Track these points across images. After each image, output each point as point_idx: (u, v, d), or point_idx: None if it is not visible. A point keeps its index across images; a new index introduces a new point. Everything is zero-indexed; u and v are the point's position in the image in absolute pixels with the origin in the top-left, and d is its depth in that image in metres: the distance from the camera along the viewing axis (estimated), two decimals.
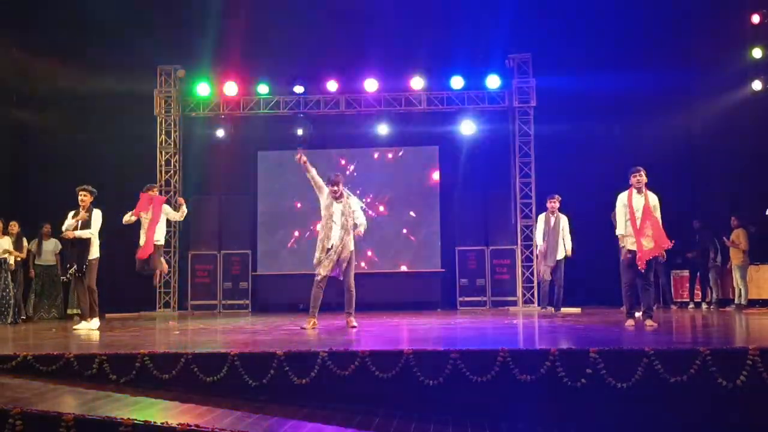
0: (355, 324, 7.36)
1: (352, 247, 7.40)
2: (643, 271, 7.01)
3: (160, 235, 9.00)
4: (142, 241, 8.87)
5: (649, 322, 6.98)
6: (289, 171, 13.39)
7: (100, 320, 7.97)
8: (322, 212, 7.49)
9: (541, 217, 9.78)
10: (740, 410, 4.44)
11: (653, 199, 7.17)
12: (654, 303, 11.70)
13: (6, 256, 9.77)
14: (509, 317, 9.89)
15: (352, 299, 7.46)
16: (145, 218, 8.84)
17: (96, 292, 7.83)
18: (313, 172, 7.56)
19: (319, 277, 7.28)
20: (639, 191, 7.14)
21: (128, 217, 8.63)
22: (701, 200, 12.17)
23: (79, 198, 7.80)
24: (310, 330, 7.12)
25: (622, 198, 7.26)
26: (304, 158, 7.47)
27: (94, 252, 7.82)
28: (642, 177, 7.14)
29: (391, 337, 6.69)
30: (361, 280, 12.44)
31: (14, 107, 12.85)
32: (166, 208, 9.16)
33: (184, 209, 9.27)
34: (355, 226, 7.41)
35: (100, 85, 12.13)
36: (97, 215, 7.84)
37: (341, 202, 7.44)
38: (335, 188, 7.41)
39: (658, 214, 7.16)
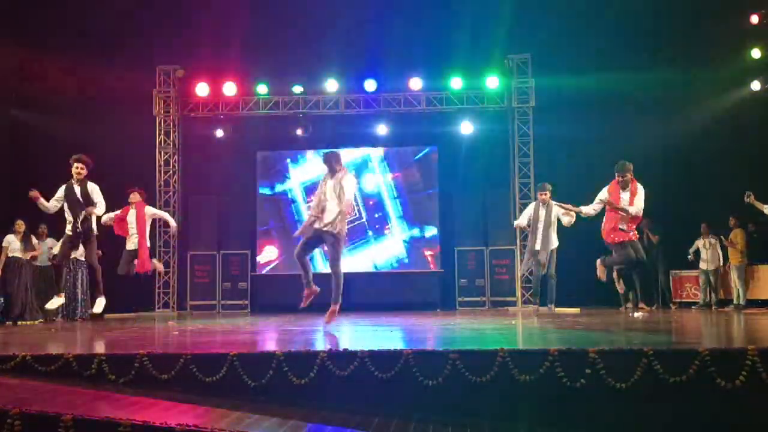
0: (333, 318, 6.92)
1: (338, 229, 6.78)
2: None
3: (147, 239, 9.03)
4: (130, 246, 8.86)
5: (638, 313, 7.06)
6: (288, 171, 13.44)
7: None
8: (317, 191, 7.04)
9: (531, 205, 9.34)
10: (739, 411, 4.45)
11: (639, 191, 7.17)
12: (654, 303, 11.82)
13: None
14: (508, 317, 9.89)
15: (339, 285, 6.90)
16: (132, 226, 8.82)
17: (98, 269, 7.62)
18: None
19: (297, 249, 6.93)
20: (625, 187, 7.18)
21: (107, 220, 8.55)
22: (700, 200, 12.17)
23: (75, 170, 7.36)
24: (311, 297, 6.97)
25: (606, 190, 7.29)
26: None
27: (93, 228, 7.56)
28: (625, 175, 7.18)
29: (391, 337, 6.69)
30: (360, 280, 12.57)
31: (14, 107, 12.85)
32: (149, 210, 9.14)
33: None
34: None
35: (100, 85, 12.14)
36: (95, 189, 7.55)
37: (335, 177, 6.83)
38: (332, 166, 6.84)
39: (639, 201, 7.14)
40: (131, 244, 8.93)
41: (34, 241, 10.31)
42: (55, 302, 7.50)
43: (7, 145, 12.73)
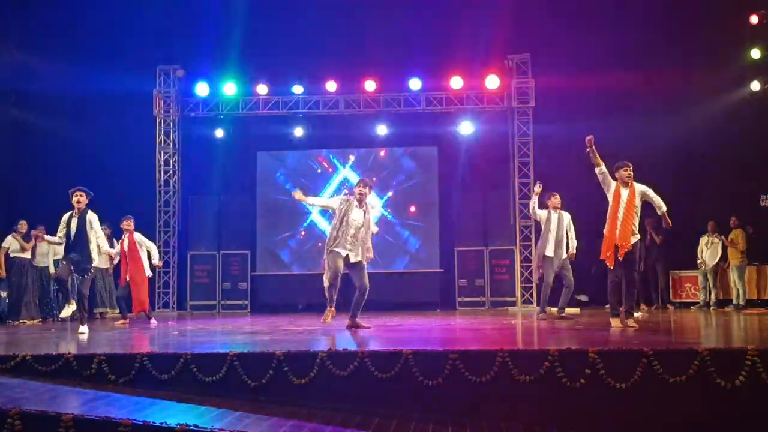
0: (367, 326, 7.28)
1: (366, 255, 7.21)
2: (617, 265, 6.95)
3: (147, 267, 9.31)
4: (128, 274, 9.13)
5: (630, 322, 6.93)
6: (288, 171, 13.43)
7: (88, 323, 7.73)
8: (336, 221, 7.18)
9: (543, 213, 8.95)
10: (739, 411, 4.44)
11: (638, 190, 7.03)
12: (654, 304, 11.80)
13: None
14: (508, 317, 9.88)
15: (361, 302, 7.25)
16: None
17: (85, 298, 7.62)
18: (312, 200, 7.75)
19: (326, 284, 7.17)
20: (625, 185, 7.10)
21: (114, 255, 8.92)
22: (700, 200, 12.16)
23: (75, 200, 7.47)
24: (329, 321, 7.18)
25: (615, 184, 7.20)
26: (300, 195, 7.35)
27: (93, 257, 7.59)
28: (631, 171, 7.05)
29: (391, 337, 6.69)
30: None
31: (14, 107, 12.84)
32: (138, 236, 9.34)
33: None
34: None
35: (100, 85, 12.12)
36: (94, 218, 7.59)
37: (363, 209, 7.22)
38: (362, 191, 7.21)
39: (651, 194, 7.07)
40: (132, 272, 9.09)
41: (31, 240, 10.32)
42: (68, 310, 7.47)
43: (7, 145, 12.72)
